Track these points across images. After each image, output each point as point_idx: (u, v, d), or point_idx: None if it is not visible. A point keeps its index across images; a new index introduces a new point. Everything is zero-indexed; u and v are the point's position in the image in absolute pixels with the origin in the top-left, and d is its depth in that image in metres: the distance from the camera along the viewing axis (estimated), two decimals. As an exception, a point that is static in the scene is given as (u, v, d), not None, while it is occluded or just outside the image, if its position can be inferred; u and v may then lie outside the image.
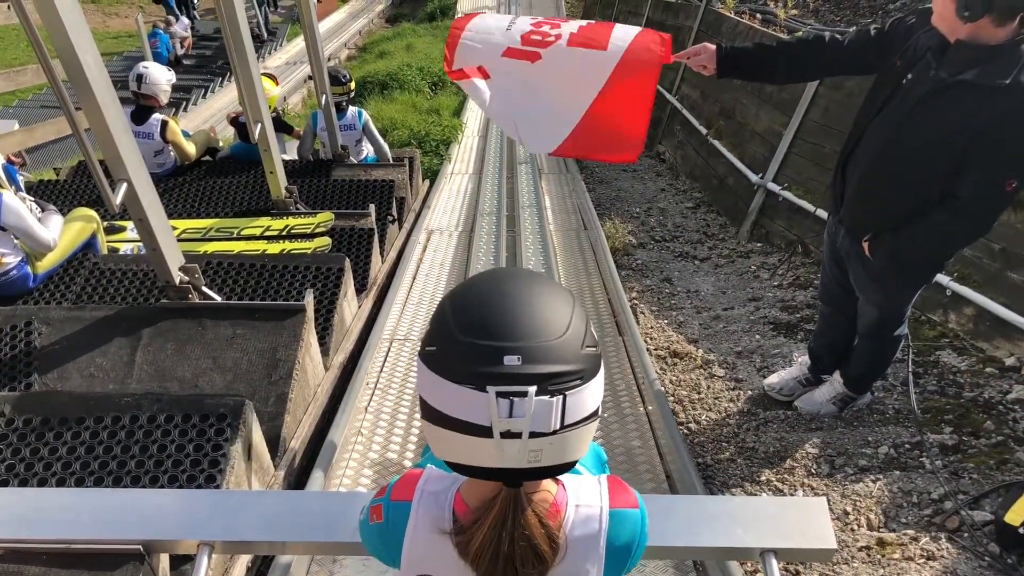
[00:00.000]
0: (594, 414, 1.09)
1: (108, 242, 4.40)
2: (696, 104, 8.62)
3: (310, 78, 17.92)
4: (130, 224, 4.59)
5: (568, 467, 1.10)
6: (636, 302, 4.97)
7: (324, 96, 5.53)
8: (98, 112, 2.73)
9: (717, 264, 5.73)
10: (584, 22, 2.96)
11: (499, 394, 0.99)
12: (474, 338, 1.02)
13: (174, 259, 3.19)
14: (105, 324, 3.20)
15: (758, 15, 7.87)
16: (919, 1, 6.79)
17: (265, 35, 22.06)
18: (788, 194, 5.76)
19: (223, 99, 16.37)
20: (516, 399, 0.99)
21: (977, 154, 2.42)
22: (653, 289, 5.26)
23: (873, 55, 2.79)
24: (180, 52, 19.36)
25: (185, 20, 20.90)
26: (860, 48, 2.81)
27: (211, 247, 4.48)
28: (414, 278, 5.23)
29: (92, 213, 4.14)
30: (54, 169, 6.34)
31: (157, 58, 15.99)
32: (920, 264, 2.86)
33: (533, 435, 1.01)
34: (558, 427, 1.02)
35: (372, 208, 4.87)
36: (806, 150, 5.79)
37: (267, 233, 4.57)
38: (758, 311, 4.75)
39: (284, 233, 4.57)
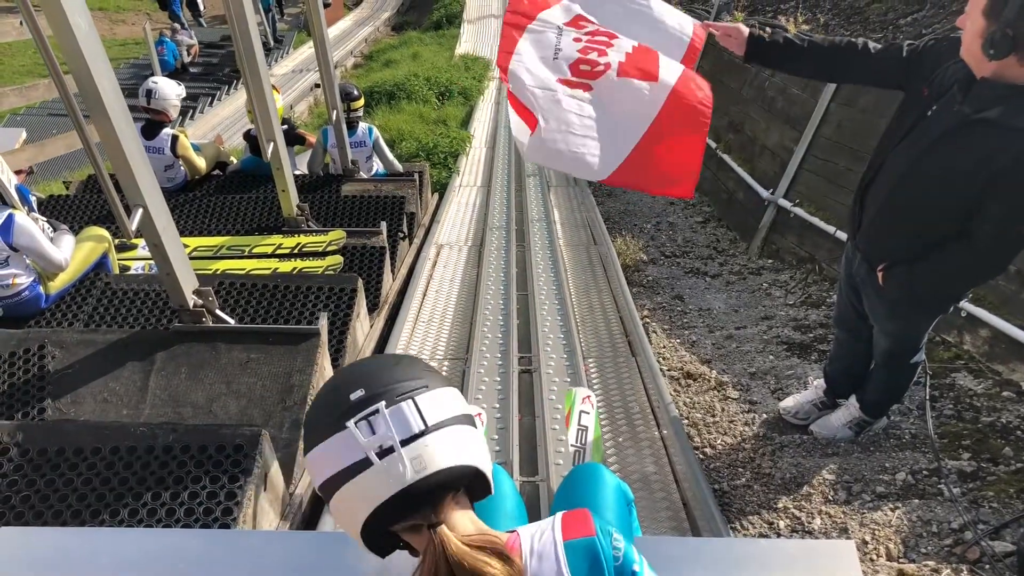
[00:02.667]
0: (464, 418, 1.20)
1: (120, 260, 4.39)
2: (705, 117, 8.60)
3: (317, 86, 18.11)
4: (141, 241, 4.59)
5: (464, 475, 1.18)
6: (648, 320, 4.95)
7: (335, 112, 5.52)
8: (114, 138, 2.72)
9: (728, 281, 5.70)
10: (629, 44, 2.90)
11: (356, 422, 1.13)
12: (322, 399, 1.22)
13: (188, 283, 3.18)
14: (119, 348, 3.19)
15: (767, 28, 7.84)
16: (930, 22, 6.76)
17: (272, 43, 22.12)
18: (799, 211, 5.74)
19: (230, 107, 16.40)
20: (372, 418, 1.13)
21: (995, 194, 2.39)
22: (665, 307, 5.24)
23: (900, 74, 2.75)
24: (187, 60, 19.42)
25: (190, 29, 20.97)
26: (889, 64, 2.76)
27: (223, 265, 4.47)
28: (424, 295, 5.21)
29: (104, 232, 4.14)
30: (64, 182, 6.34)
31: (164, 66, 16.07)
32: (935, 296, 2.84)
33: (404, 442, 1.12)
34: (424, 427, 1.14)
35: (384, 225, 4.86)
36: (817, 167, 5.76)
37: (279, 251, 4.56)
38: (771, 330, 4.72)
39: (296, 251, 4.56)
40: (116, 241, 4.39)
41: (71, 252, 3.84)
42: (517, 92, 2.84)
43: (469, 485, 1.24)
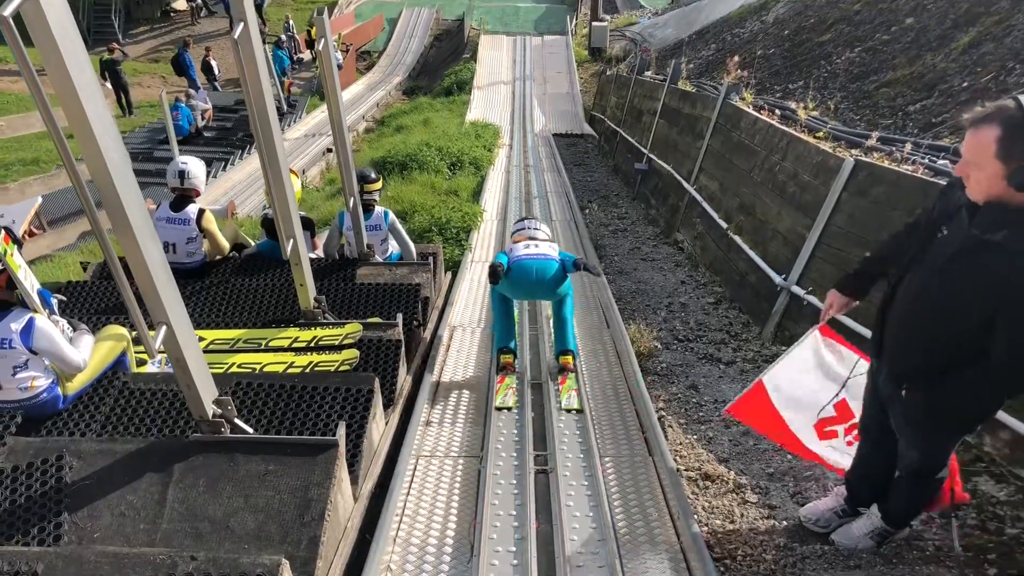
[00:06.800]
0: None
1: (136, 353, 4.40)
2: (715, 196, 8.68)
3: (329, 150, 18.37)
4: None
5: None
6: (663, 413, 4.92)
7: (352, 199, 5.59)
8: (140, 256, 2.75)
9: (743, 369, 5.68)
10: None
11: None
12: None
13: (208, 393, 3.18)
14: (137, 458, 3.19)
15: (777, 111, 7.95)
16: (939, 110, 6.86)
17: (285, 108, 22.51)
18: (813, 299, 5.74)
19: (242, 172, 16.64)
20: None
21: (1007, 316, 2.43)
22: (680, 398, 5.22)
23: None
24: (201, 124, 19.75)
25: (204, 92, 21.35)
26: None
27: (239, 359, 4.48)
28: (438, 384, 5.21)
29: (123, 331, 4.16)
30: (81, 263, 6.40)
31: (178, 131, 16.32)
32: (960, 416, 2.84)
33: None
34: None
35: (399, 317, 4.88)
36: (830, 255, 5.79)
37: (295, 344, 4.57)
38: (788, 425, 4.68)
39: (312, 345, 4.57)
40: (133, 334, 4.41)
41: (90, 353, 3.86)
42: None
43: None
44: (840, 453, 3.65)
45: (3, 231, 3.40)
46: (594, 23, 28.73)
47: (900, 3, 10.19)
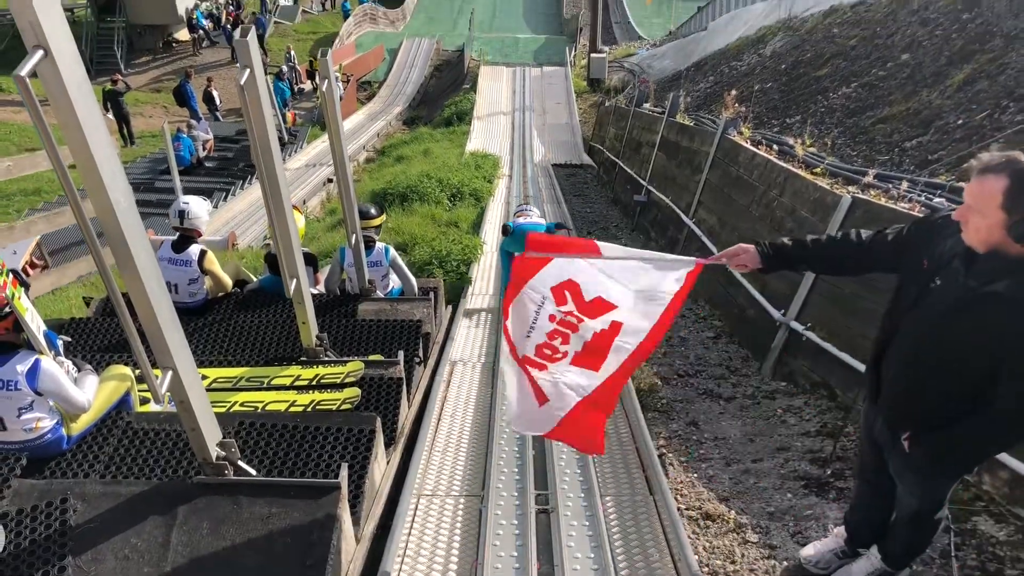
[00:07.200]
0: None
1: (140, 391, 4.42)
2: (714, 229, 8.75)
3: (330, 180, 18.48)
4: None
5: None
6: (664, 451, 4.94)
7: (354, 236, 5.64)
8: (146, 301, 2.78)
9: (743, 405, 5.71)
10: (599, 325, 3.13)
11: None
12: None
13: (212, 436, 3.20)
14: (141, 500, 3.20)
15: (775, 146, 8.04)
16: (935, 148, 6.94)
17: (286, 138, 22.69)
18: (812, 335, 5.78)
19: (243, 202, 16.75)
20: None
21: (1012, 366, 2.45)
22: (680, 435, 5.24)
23: (893, 258, 2.92)
24: (202, 154, 19.90)
25: (205, 123, 21.53)
26: (879, 253, 2.94)
27: (241, 397, 4.50)
28: (439, 420, 5.23)
29: (126, 371, 4.19)
30: (84, 299, 6.44)
31: (180, 161, 16.44)
32: (963, 462, 2.87)
33: None
34: None
35: (401, 355, 4.91)
36: (828, 291, 5.83)
37: (297, 383, 4.60)
38: (787, 463, 4.71)
39: (314, 383, 4.59)
40: (136, 372, 4.44)
41: (94, 393, 3.88)
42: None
43: None
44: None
45: (11, 274, 3.44)
46: (593, 55, 29.03)
47: (895, 39, 10.34)
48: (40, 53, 2.13)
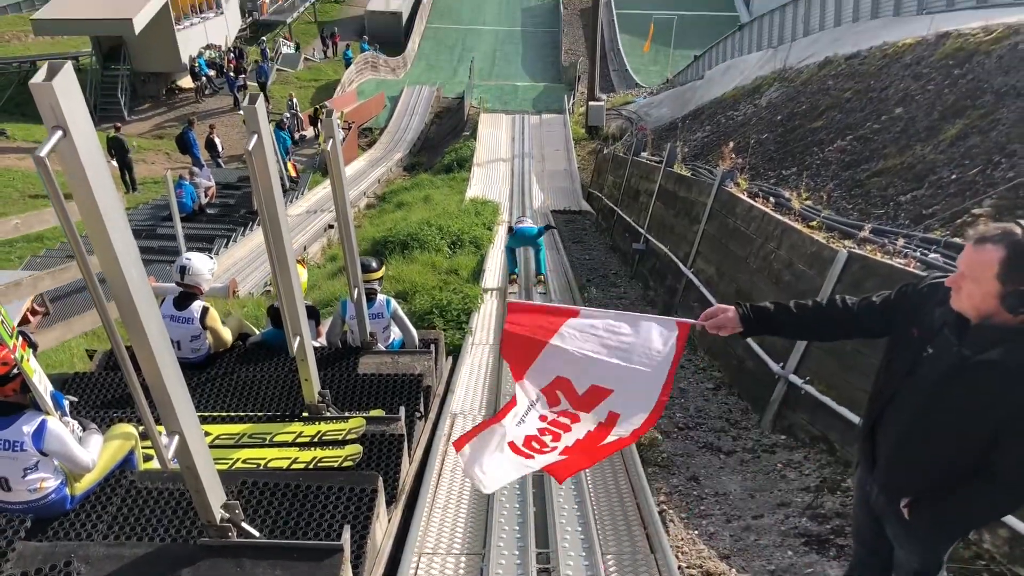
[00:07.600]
0: None
1: (144, 448, 4.44)
2: (712, 280, 8.83)
3: (331, 226, 18.60)
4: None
5: None
6: (664, 507, 4.94)
7: (356, 290, 5.70)
8: (155, 366, 2.83)
9: (743, 459, 5.72)
10: (593, 423, 3.11)
11: None
12: None
13: (216, 498, 3.23)
14: (144, 563, 3.21)
15: (771, 198, 8.15)
16: (929, 202, 7.05)
17: (288, 184, 22.86)
18: (811, 388, 5.81)
19: (245, 248, 16.84)
20: None
21: (1010, 433, 2.47)
22: (680, 491, 5.25)
23: (881, 324, 2.91)
24: (204, 201, 20.04)
25: (207, 170, 21.72)
26: (866, 321, 2.93)
27: (243, 454, 4.52)
28: (439, 476, 5.25)
29: (131, 430, 4.22)
30: (87, 351, 6.48)
31: (182, 208, 16.54)
32: (962, 528, 2.89)
33: None
34: None
35: (402, 411, 4.94)
36: (825, 344, 5.87)
37: (299, 440, 4.62)
38: (788, 520, 4.72)
39: (316, 440, 4.61)
40: (140, 429, 4.47)
41: (99, 452, 3.90)
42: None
43: None
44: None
45: (20, 336, 3.49)
46: (591, 103, 29.40)
47: (889, 92, 10.52)
48: (59, 134, 2.21)
